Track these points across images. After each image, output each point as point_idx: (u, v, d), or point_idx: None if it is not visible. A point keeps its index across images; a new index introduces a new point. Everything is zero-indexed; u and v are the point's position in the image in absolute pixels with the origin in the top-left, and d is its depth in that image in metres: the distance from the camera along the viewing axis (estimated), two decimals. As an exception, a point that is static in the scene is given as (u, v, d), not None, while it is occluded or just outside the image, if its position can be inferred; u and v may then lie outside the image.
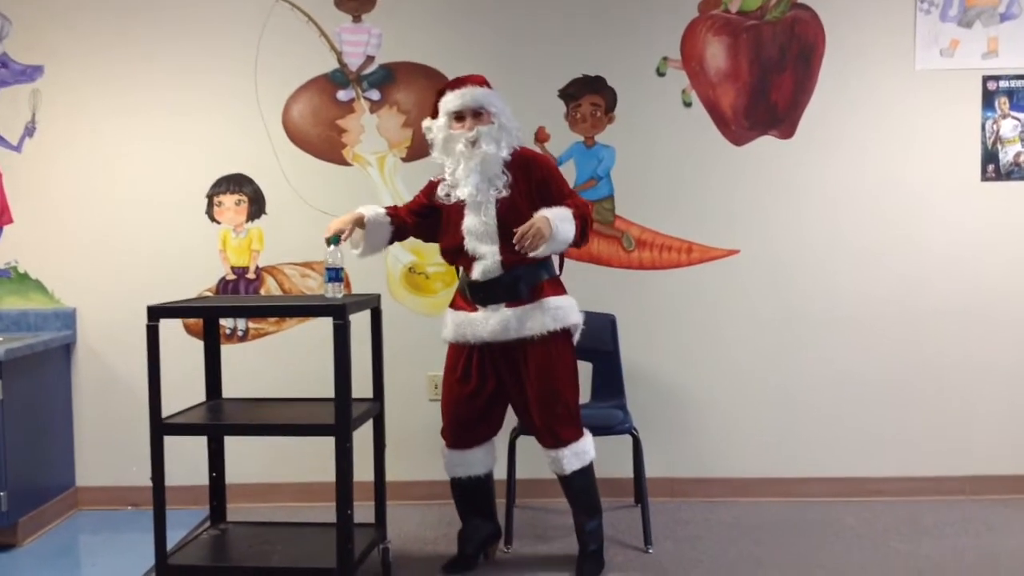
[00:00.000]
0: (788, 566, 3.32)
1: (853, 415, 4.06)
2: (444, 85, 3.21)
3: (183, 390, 3.52)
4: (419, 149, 4.04)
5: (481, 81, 3.15)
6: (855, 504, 3.99)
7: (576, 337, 3.21)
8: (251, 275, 4.10)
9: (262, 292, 4.11)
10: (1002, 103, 4.00)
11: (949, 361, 4.06)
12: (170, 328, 3.95)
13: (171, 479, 3.02)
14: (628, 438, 3.55)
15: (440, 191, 3.15)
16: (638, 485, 3.66)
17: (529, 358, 3.09)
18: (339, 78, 4.06)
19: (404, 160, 4.07)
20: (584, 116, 4.04)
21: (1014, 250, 4.02)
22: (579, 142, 4.05)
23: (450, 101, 3.07)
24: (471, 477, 3.25)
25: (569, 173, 3.99)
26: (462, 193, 3.06)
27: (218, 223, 4.10)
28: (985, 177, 4.03)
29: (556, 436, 3.11)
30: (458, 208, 3.10)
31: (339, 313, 2.86)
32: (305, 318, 4.04)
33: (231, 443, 3.50)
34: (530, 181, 3.08)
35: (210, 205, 4.10)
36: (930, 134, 4.01)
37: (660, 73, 4.03)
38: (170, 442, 2.97)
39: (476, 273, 3.09)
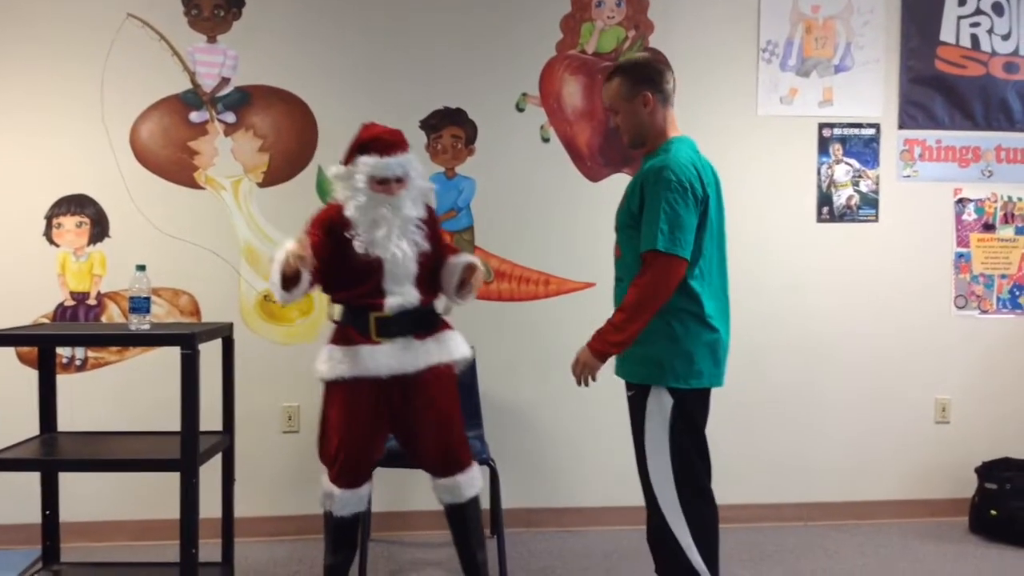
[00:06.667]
0: (639, 593, 3.38)
1: (700, 444, 4.20)
2: (364, 137, 3.06)
3: (14, 423, 3.32)
4: (276, 174, 3.97)
5: (401, 138, 3.07)
6: (702, 530, 4.12)
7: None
8: (92, 301, 3.91)
9: (103, 319, 3.92)
10: (836, 149, 4.27)
11: (789, 393, 4.27)
12: (1, 356, 3.72)
13: (0, 517, 2.83)
14: (485, 469, 3.55)
15: (358, 247, 2.99)
16: (494, 517, 3.66)
17: (429, 386, 3.07)
18: (192, 99, 3.94)
19: (260, 185, 3.98)
20: (445, 147, 4.07)
21: (847, 287, 4.28)
22: (440, 173, 4.07)
23: (378, 168, 2.98)
24: (356, 514, 3.13)
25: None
26: (386, 254, 2.99)
27: (57, 246, 3.89)
28: (820, 218, 4.28)
29: (458, 461, 3.12)
30: (368, 257, 3.02)
31: (188, 342, 2.75)
32: (150, 347, 3.87)
33: (67, 479, 3.31)
34: (433, 227, 3.19)
35: (48, 227, 3.88)
36: (770, 176, 4.24)
37: (519, 108, 4.10)
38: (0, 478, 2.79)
39: (391, 306, 3.02)
